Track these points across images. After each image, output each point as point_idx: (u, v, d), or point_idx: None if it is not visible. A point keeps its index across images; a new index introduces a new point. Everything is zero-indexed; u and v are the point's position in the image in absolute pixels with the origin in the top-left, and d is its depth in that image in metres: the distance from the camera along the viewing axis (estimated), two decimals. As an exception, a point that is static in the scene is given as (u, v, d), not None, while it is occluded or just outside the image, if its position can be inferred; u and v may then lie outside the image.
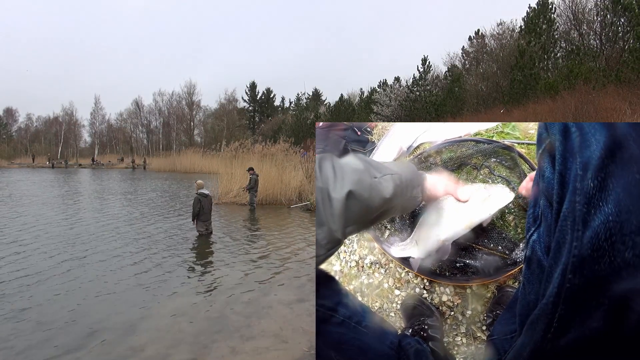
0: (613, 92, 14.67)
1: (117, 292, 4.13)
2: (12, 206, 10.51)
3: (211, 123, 48.16)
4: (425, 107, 26.61)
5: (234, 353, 2.91)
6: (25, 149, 47.89)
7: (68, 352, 2.90)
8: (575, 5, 20.61)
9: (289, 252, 5.94)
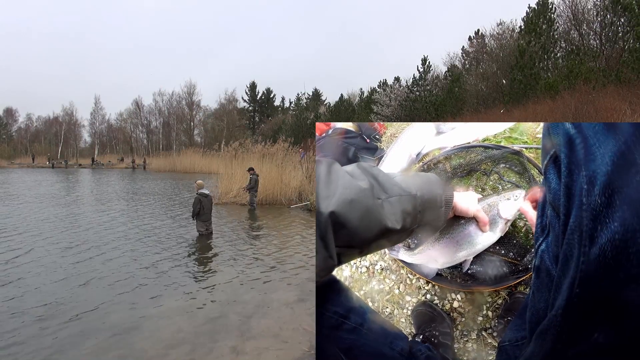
0: (613, 92, 14.66)
1: (116, 292, 4.13)
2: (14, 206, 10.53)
3: (211, 123, 48.14)
4: (425, 107, 26.59)
5: (234, 353, 2.91)
6: (25, 149, 47.88)
7: (63, 351, 2.90)
8: (575, 5, 20.61)
9: (289, 252, 5.94)
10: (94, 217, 8.94)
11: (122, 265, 5.09)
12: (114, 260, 5.35)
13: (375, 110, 30.50)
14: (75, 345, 3.01)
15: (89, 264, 5.15)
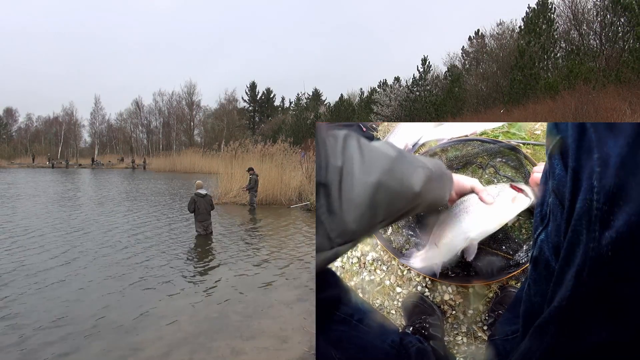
0: (613, 92, 14.68)
1: (116, 292, 4.13)
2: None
3: (211, 123, 48.15)
4: (425, 107, 26.61)
5: (234, 353, 2.91)
6: (25, 149, 47.87)
7: (66, 354, 2.90)
8: (575, 5, 20.62)
9: (289, 252, 5.94)
10: (93, 217, 8.95)
11: (121, 266, 5.09)
12: (112, 259, 5.35)
13: (375, 110, 30.52)
14: (75, 344, 3.01)
15: (82, 262, 5.15)
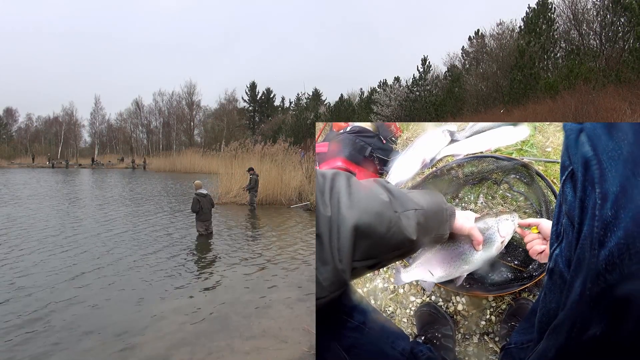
0: (613, 92, 14.67)
1: (117, 292, 4.13)
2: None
3: (211, 123, 48.13)
4: (425, 107, 26.59)
5: (234, 353, 2.91)
6: (25, 149, 47.85)
7: (64, 349, 2.90)
8: (575, 5, 20.61)
9: (289, 252, 5.94)
10: (94, 216, 8.95)
11: (121, 266, 5.09)
12: (111, 260, 5.35)
13: (375, 110, 30.50)
14: (73, 343, 3.01)
15: (85, 262, 5.15)
